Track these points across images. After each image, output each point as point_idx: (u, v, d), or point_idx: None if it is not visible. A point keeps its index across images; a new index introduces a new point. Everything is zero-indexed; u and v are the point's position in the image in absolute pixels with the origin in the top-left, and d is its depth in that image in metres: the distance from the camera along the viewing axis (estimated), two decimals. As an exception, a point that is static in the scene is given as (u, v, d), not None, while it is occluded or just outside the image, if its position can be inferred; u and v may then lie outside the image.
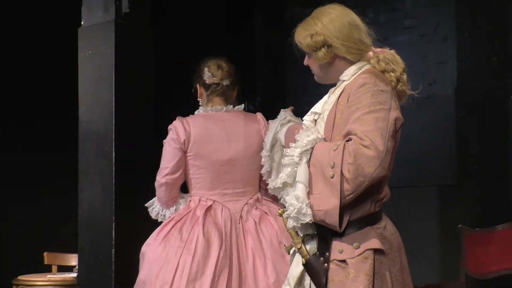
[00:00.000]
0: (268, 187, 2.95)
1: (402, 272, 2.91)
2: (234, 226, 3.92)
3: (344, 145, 2.73)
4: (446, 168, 6.13)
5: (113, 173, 3.86)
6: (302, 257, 2.85)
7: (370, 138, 2.72)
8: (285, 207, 2.89)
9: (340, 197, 2.72)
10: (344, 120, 2.81)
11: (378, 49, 3.07)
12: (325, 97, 3.04)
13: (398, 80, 3.00)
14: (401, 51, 6.63)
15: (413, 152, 6.25)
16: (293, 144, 2.86)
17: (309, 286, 2.88)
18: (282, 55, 7.11)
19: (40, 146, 5.64)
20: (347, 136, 2.77)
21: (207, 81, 4.04)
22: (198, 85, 4.09)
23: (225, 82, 4.06)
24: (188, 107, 7.19)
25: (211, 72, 4.05)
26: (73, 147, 4.22)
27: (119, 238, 3.78)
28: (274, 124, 3.10)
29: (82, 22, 4.07)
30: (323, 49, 2.97)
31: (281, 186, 2.86)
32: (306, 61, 3.09)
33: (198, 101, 4.11)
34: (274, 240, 3.93)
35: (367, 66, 2.99)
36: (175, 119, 3.88)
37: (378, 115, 2.79)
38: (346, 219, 2.79)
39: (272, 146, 3.07)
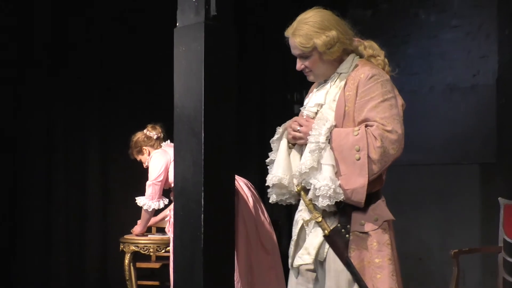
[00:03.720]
0: (294, 173, 2.83)
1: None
2: None
3: (366, 130, 2.67)
4: (487, 148, 6.02)
5: (202, 150, 3.87)
6: (323, 229, 2.76)
7: (390, 123, 2.68)
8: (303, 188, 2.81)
9: (368, 177, 2.66)
10: (358, 109, 2.74)
11: (357, 39, 2.97)
12: (325, 90, 2.90)
13: (385, 63, 2.92)
14: (449, 47, 6.56)
15: (458, 134, 6.15)
16: (314, 132, 2.74)
17: (325, 254, 2.80)
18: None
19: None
20: (364, 123, 2.71)
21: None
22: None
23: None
24: (259, 94, 7.18)
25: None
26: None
27: (207, 205, 3.80)
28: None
29: (177, 24, 4.09)
30: (337, 44, 2.85)
31: (307, 171, 2.72)
32: (303, 64, 2.91)
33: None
34: None
35: (357, 58, 2.90)
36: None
37: (391, 103, 2.74)
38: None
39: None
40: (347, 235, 2.74)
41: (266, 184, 2.91)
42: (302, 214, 2.90)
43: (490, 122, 5.98)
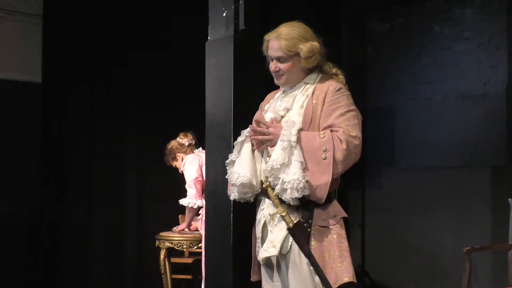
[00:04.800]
0: (265, 168, 2.83)
1: None
2: None
3: (332, 134, 2.73)
4: (497, 151, 5.95)
5: (232, 154, 3.86)
6: (287, 223, 2.77)
7: (354, 130, 2.75)
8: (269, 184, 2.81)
9: (332, 175, 2.70)
10: (324, 116, 2.79)
11: None
12: (292, 97, 2.92)
13: (345, 82, 2.96)
14: (461, 57, 6.52)
15: (470, 139, 6.09)
16: (285, 132, 2.77)
17: (288, 247, 2.81)
18: (363, 61, 7.03)
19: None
20: (329, 128, 2.76)
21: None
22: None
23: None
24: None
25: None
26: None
27: (236, 204, 3.82)
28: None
29: (208, 37, 4.11)
30: (316, 55, 2.90)
31: (279, 167, 2.73)
32: (278, 66, 2.92)
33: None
34: None
35: (321, 73, 2.95)
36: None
37: (354, 114, 2.81)
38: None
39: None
40: (309, 229, 2.77)
41: (232, 183, 2.91)
42: (264, 212, 2.91)
43: (500, 128, 5.92)
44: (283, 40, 2.88)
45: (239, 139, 2.98)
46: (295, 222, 2.76)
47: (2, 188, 6.06)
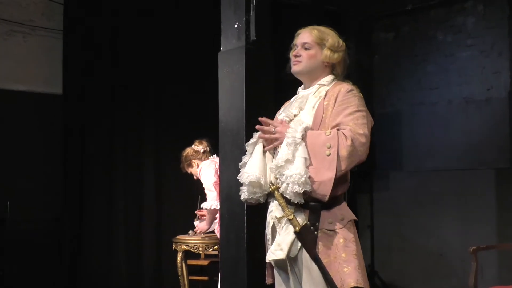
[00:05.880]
0: (270, 167, 2.76)
1: None
2: None
3: (337, 132, 2.66)
4: (501, 154, 5.90)
5: (245, 160, 3.84)
6: (294, 226, 2.68)
7: (362, 129, 2.67)
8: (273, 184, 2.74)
9: (336, 172, 2.61)
10: (334, 114, 2.74)
11: None
12: (305, 98, 2.88)
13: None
14: (465, 64, 6.46)
15: (474, 142, 6.05)
16: (291, 130, 2.71)
17: (297, 251, 2.73)
18: (370, 69, 7.00)
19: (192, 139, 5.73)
20: (337, 126, 2.70)
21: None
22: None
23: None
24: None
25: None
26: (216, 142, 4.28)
27: (250, 208, 3.79)
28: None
29: (221, 48, 4.10)
30: (340, 53, 2.89)
31: (283, 164, 2.66)
32: (300, 52, 2.91)
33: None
34: None
35: (335, 79, 2.91)
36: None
37: (364, 114, 2.74)
38: (332, 195, 2.66)
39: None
40: (315, 232, 2.68)
41: (242, 182, 2.84)
42: (273, 214, 2.83)
43: (503, 131, 5.88)
44: (315, 30, 2.91)
45: (251, 140, 2.91)
46: (302, 225, 2.69)
47: (24, 196, 6.07)
